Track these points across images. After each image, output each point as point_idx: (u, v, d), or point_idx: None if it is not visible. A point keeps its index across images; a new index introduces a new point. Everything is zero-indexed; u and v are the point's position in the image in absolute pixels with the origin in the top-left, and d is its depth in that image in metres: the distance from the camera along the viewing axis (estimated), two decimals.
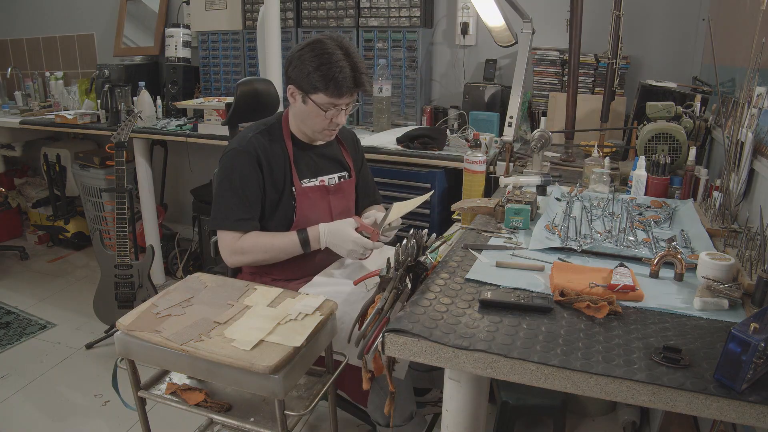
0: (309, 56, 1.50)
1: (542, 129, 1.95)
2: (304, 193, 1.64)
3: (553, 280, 1.14)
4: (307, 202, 1.65)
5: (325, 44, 1.51)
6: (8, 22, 4.20)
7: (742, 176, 1.51)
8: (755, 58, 1.46)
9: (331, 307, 1.40)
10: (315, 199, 1.67)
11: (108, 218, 3.32)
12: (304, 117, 1.60)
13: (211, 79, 3.35)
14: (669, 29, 2.55)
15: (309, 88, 1.52)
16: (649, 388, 0.83)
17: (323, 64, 1.48)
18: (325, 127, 1.60)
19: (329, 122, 1.58)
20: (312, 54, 1.50)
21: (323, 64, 1.48)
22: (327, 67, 1.48)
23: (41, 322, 2.86)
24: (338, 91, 1.51)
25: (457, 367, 0.94)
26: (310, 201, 1.65)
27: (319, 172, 1.70)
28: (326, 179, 1.71)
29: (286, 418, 1.25)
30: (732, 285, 1.08)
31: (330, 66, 1.48)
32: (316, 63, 1.49)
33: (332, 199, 1.71)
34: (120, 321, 1.33)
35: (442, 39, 2.95)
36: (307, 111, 1.57)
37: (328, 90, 1.50)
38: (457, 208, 1.62)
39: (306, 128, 1.64)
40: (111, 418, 2.14)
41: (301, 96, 1.55)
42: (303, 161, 1.67)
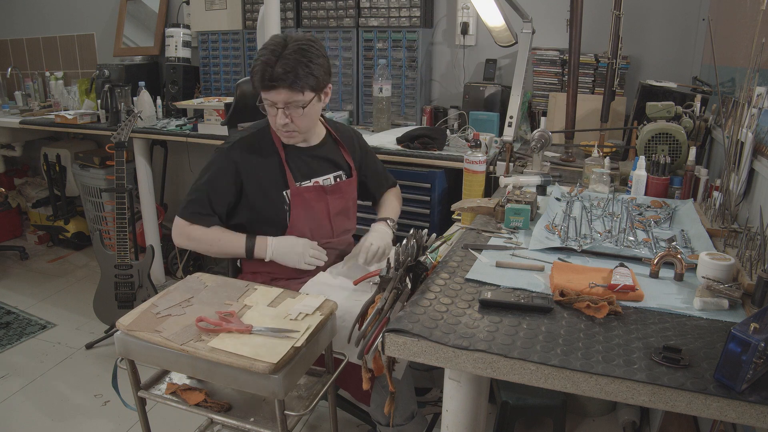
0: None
1: (542, 129, 1.96)
2: (299, 194, 1.64)
3: (553, 280, 1.14)
4: (302, 203, 1.64)
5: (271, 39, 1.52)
6: (8, 22, 4.20)
7: (742, 176, 1.51)
8: (755, 58, 1.46)
9: (331, 307, 1.40)
10: (311, 200, 1.66)
11: (108, 218, 3.32)
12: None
13: (211, 79, 3.35)
14: (669, 29, 2.55)
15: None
16: (649, 388, 0.83)
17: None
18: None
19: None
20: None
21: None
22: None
23: (41, 322, 2.86)
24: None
25: (457, 367, 0.94)
26: (305, 202, 1.65)
27: (313, 174, 1.69)
28: (320, 180, 1.70)
29: (286, 418, 1.25)
30: (732, 285, 1.08)
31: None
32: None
33: (330, 199, 1.70)
34: (120, 321, 1.33)
35: (442, 39, 2.95)
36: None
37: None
38: (457, 208, 1.62)
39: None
40: (111, 418, 2.14)
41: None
42: (295, 164, 1.66)
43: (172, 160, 3.68)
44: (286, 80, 1.48)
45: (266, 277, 1.69)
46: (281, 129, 1.58)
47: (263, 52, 1.49)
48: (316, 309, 1.37)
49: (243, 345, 1.22)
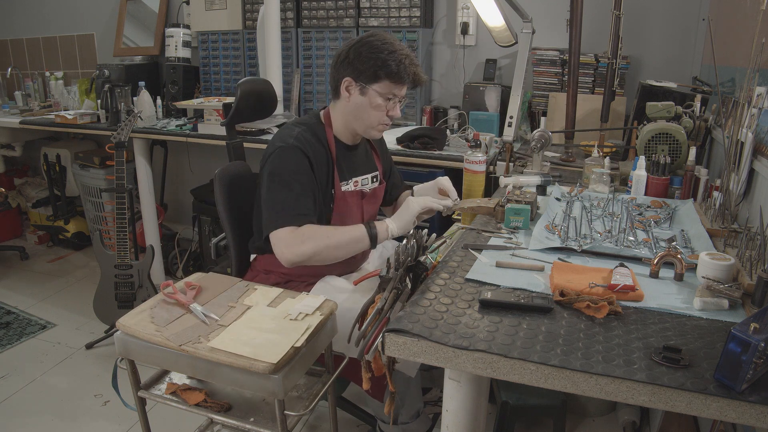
0: (367, 49, 1.50)
1: (542, 129, 1.96)
2: (343, 198, 1.61)
3: (553, 280, 1.14)
4: (344, 206, 1.62)
5: (381, 36, 1.53)
6: (8, 22, 4.20)
7: (742, 176, 1.51)
8: (755, 58, 1.46)
9: (331, 307, 1.40)
10: (351, 205, 1.64)
11: (108, 218, 3.32)
12: (359, 111, 1.56)
13: (211, 79, 3.35)
14: (669, 29, 2.55)
15: (370, 77, 1.51)
16: (649, 388, 0.83)
17: (384, 52, 1.49)
18: (381, 121, 1.57)
19: (385, 114, 1.56)
20: (370, 47, 1.50)
21: (384, 53, 1.49)
22: (388, 55, 1.49)
23: (41, 322, 2.86)
24: (401, 79, 1.51)
25: (457, 367, 0.94)
26: (347, 206, 1.63)
27: (355, 172, 1.68)
28: (360, 180, 1.68)
29: (286, 418, 1.25)
30: (732, 285, 1.08)
31: (391, 54, 1.49)
32: (376, 53, 1.49)
33: (365, 204, 1.69)
34: (120, 321, 1.33)
35: (442, 39, 2.95)
36: (364, 103, 1.54)
37: (391, 77, 1.50)
38: (457, 208, 1.62)
39: (359, 123, 1.59)
40: (111, 418, 2.14)
41: (359, 88, 1.53)
42: (345, 162, 1.64)
43: (172, 160, 3.68)
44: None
45: (281, 277, 1.66)
46: (386, 123, 1.59)
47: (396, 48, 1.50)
48: (316, 309, 1.37)
49: (243, 345, 1.22)
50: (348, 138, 1.64)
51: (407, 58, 1.51)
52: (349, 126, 1.61)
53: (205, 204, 3.04)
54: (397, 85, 1.52)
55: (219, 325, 1.32)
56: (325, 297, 1.44)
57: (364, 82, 1.51)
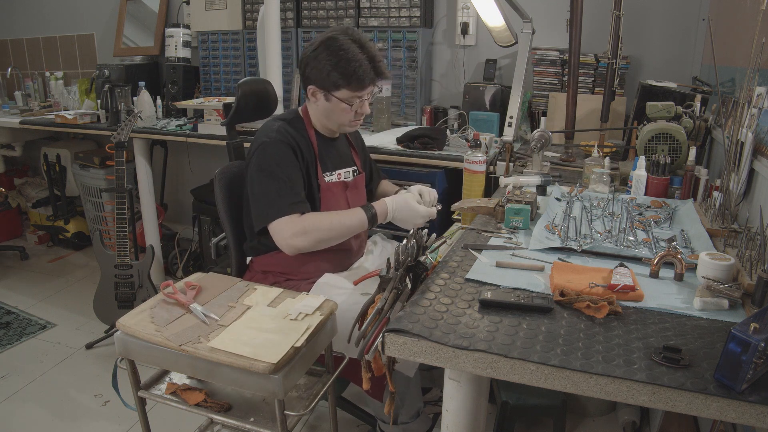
0: (325, 55, 1.52)
1: (542, 129, 1.96)
2: (329, 188, 1.66)
3: (553, 280, 1.14)
4: (330, 197, 1.66)
5: (339, 40, 1.52)
6: (8, 22, 4.20)
7: (742, 176, 1.51)
8: (755, 58, 1.46)
9: (331, 307, 1.40)
10: (337, 195, 1.68)
11: (108, 218, 3.32)
12: (328, 113, 1.62)
13: (211, 79, 3.35)
14: (669, 29, 2.55)
15: (330, 86, 1.54)
16: (649, 388, 0.83)
17: (341, 60, 1.50)
18: (351, 119, 1.62)
19: (354, 114, 1.61)
20: (328, 52, 1.52)
21: (341, 61, 1.50)
22: (345, 63, 1.50)
23: (41, 322, 2.86)
24: (360, 85, 1.54)
25: (457, 367, 0.94)
26: (333, 196, 1.66)
27: (338, 165, 1.72)
28: (342, 173, 1.72)
29: (286, 418, 1.25)
30: (732, 285, 1.08)
31: (348, 62, 1.50)
32: (334, 61, 1.51)
33: (349, 194, 1.72)
34: (120, 321, 1.33)
35: (442, 39, 2.95)
36: (331, 107, 1.59)
37: (351, 85, 1.53)
38: (457, 208, 1.62)
39: (331, 123, 1.65)
40: (111, 418, 2.14)
41: (323, 94, 1.57)
42: (326, 154, 1.69)
43: (172, 160, 3.68)
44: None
45: (279, 277, 1.67)
46: (357, 120, 1.63)
47: (354, 52, 1.51)
48: (316, 309, 1.37)
49: (243, 345, 1.22)
50: (326, 131, 1.69)
51: (366, 61, 1.52)
52: (323, 123, 1.66)
53: (205, 204, 3.04)
54: (358, 90, 1.55)
55: (219, 325, 1.32)
56: (325, 297, 1.44)
57: (327, 90, 1.55)
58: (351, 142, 1.84)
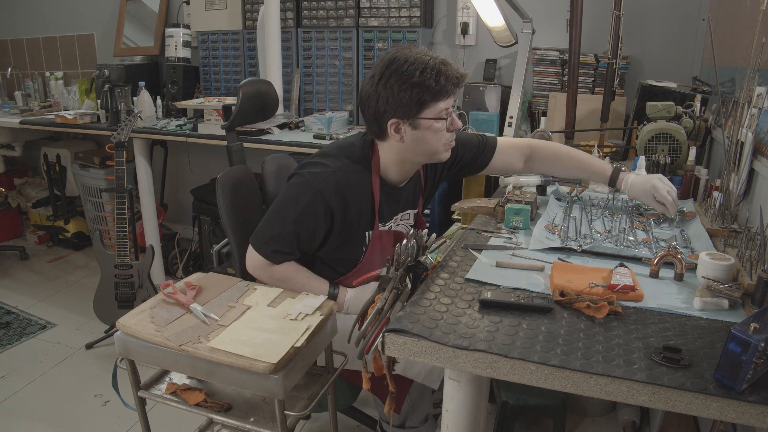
0: (397, 79, 1.31)
1: (542, 129, 1.96)
2: (380, 238, 1.50)
3: (553, 280, 1.14)
4: (378, 246, 1.52)
5: (400, 57, 1.32)
6: (8, 22, 4.20)
7: (742, 176, 1.51)
8: (755, 58, 1.46)
9: (331, 307, 1.40)
10: (385, 244, 1.53)
11: (108, 218, 3.32)
12: (418, 145, 1.38)
13: (211, 79, 3.35)
14: (669, 29, 2.55)
15: (417, 109, 1.33)
16: (649, 388, 0.83)
17: (413, 75, 1.30)
18: (446, 141, 1.40)
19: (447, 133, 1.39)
20: (400, 75, 1.31)
21: (413, 76, 1.30)
22: (424, 75, 1.30)
23: (41, 322, 2.86)
24: (447, 93, 1.34)
25: (457, 367, 0.94)
26: (381, 246, 1.53)
27: (396, 211, 1.55)
28: (399, 216, 1.56)
29: (286, 418, 1.25)
30: (732, 285, 1.08)
31: (423, 72, 1.30)
32: (406, 79, 1.30)
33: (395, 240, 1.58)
34: (120, 321, 1.33)
35: (442, 39, 2.95)
36: (422, 134, 1.36)
37: (438, 96, 1.33)
38: (457, 208, 1.62)
39: (423, 156, 1.43)
40: (111, 418, 2.14)
41: (408, 123, 1.35)
42: (386, 204, 1.49)
43: (172, 160, 3.68)
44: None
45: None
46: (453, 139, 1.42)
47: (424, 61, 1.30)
48: (316, 309, 1.37)
49: (243, 345, 1.22)
50: (397, 177, 1.48)
51: (440, 65, 1.32)
52: (408, 161, 1.44)
53: (205, 204, 3.04)
54: (445, 100, 1.35)
55: (219, 325, 1.32)
56: (325, 297, 1.44)
57: (412, 116, 1.34)
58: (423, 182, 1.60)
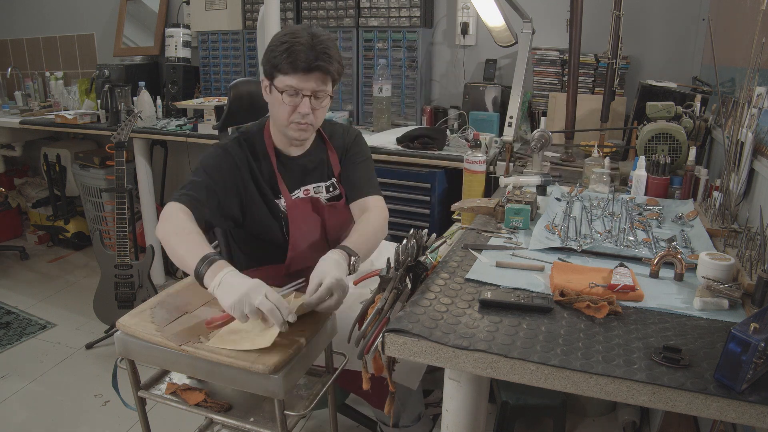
0: (271, 43, 1.43)
1: (542, 129, 1.95)
2: (295, 206, 1.53)
3: (553, 280, 1.14)
4: (297, 215, 1.53)
5: (293, 27, 1.43)
6: (8, 22, 4.20)
7: (742, 176, 1.51)
8: (755, 58, 1.46)
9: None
10: (305, 213, 1.55)
11: (108, 218, 3.32)
12: (272, 111, 1.49)
13: (211, 79, 3.35)
14: (669, 29, 2.55)
15: (272, 71, 1.43)
16: (649, 388, 0.83)
17: (284, 42, 1.38)
18: (289, 119, 1.43)
19: (293, 110, 1.42)
20: (273, 40, 1.42)
21: (284, 43, 1.38)
22: (286, 45, 1.37)
23: (41, 322, 2.86)
24: (293, 69, 1.37)
25: (457, 367, 0.94)
26: (300, 215, 1.54)
27: (304, 180, 1.59)
28: (312, 188, 1.59)
29: (286, 418, 1.25)
30: (732, 285, 1.08)
31: (285, 44, 1.38)
32: (278, 43, 1.40)
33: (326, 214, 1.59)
34: (120, 321, 1.32)
35: (442, 39, 2.95)
36: (273, 101, 1.46)
37: (284, 69, 1.39)
38: (457, 208, 1.62)
39: (277, 124, 1.50)
40: (111, 418, 2.14)
41: (268, 85, 1.46)
42: (286, 172, 1.55)
43: (172, 160, 3.68)
44: (323, 63, 1.38)
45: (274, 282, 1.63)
46: (300, 120, 1.44)
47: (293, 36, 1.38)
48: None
49: (242, 342, 1.22)
50: (287, 146, 1.55)
51: (301, 45, 1.36)
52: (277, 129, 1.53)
53: None
54: (291, 75, 1.38)
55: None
56: None
57: (269, 80, 1.44)
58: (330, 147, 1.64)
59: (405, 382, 1.47)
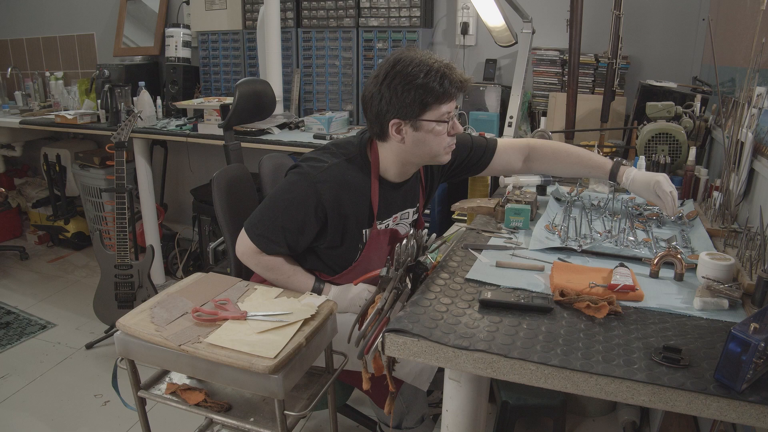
0: (401, 80, 1.32)
1: (542, 129, 1.96)
2: (377, 237, 1.49)
3: (553, 280, 1.14)
4: (375, 245, 1.51)
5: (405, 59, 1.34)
6: (8, 22, 4.20)
7: (742, 176, 1.51)
8: (755, 58, 1.46)
9: (331, 307, 1.40)
10: (382, 243, 1.52)
11: (108, 218, 3.32)
12: (419, 147, 1.39)
13: (211, 79, 3.35)
14: (669, 29, 2.55)
15: (419, 110, 1.34)
16: (649, 388, 0.83)
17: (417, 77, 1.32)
18: (446, 144, 1.41)
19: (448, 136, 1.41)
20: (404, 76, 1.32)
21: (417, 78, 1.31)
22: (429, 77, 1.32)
23: (41, 322, 2.86)
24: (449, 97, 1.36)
25: (457, 367, 0.94)
26: (378, 245, 1.52)
27: (394, 209, 1.53)
28: (399, 215, 1.55)
29: (286, 418, 1.25)
30: (732, 285, 1.08)
31: (427, 75, 1.32)
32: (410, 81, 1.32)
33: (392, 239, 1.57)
34: (120, 321, 1.33)
35: (442, 39, 2.95)
36: (423, 136, 1.37)
37: (440, 99, 1.34)
38: (457, 208, 1.62)
39: (424, 157, 1.43)
40: (111, 418, 2.14)
41: (410, 124, 1.36)
42: (384, 202, 1.48)
43: (172, 160, 3.68)
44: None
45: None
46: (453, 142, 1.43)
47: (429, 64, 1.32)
48: (316, 309, 1.37)
49: (242, 344, 1.22)
50: (397, 176, 1.48)
51: (445, 69, 1.34)
52: (409, 162, 1.45)
53: (205, 204, 3.04)
54: (448, 103, 1.37)
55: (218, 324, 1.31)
56: (325, 297, 1.44)
57: (414, 117, 1.35)
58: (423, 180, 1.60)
59: (415, 383, 1.47)
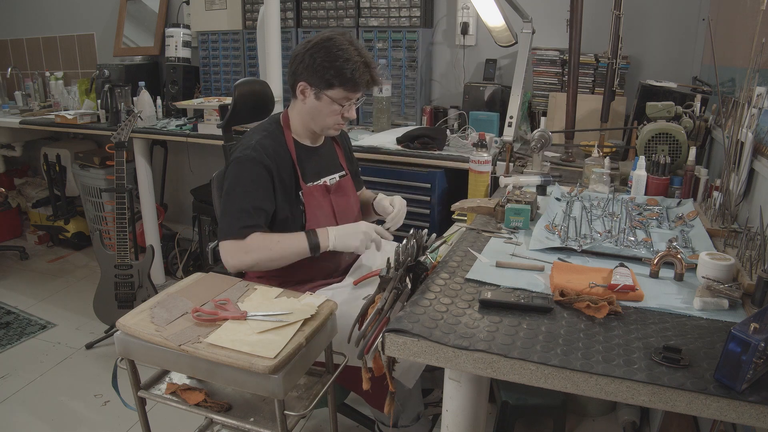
0: (322, 53, 1.52)
1: (542, 129, 1.95)
2: (311, 194, 1.62)
3: (553, 280, 1.14)
4: (314, 204, 1.63)
5: (337, 41, 1.53)
6: (8, 22, 4.20)
7: (742, 176, 1.51)
8: (755, 58, 1.46)
9: (331, 307, 1.40)
10: (320, 200, 1.65)
11: (108, 218, 3.32)
12: (314, 113, 1.60)
13: (211, 79, 3.35)
14: (669, 29, 2.55)
15: (324, 84, 1.54)
16: (649, 388, 0.83)
17: (339, 59, 1.51)
18: (336, 122, 1.61)
19: (341, 117, 1.60)
20: (325, 51, 1.52)
21: (339, 60, 1.51)
22: (343, 63, 1.51)
23: (41, 322, 2.86)
24: (355, 87, 1.54)
25: (457, 367, 0.94)
26: (316, 202, 1.63)
27: (321, 173, 1.69)
28: (327, 180, 1.70)
29: (286, 418, 1.25)
30: (732, 285, 1.08)
31: (346, 62, 1.51)
32: (330, 59, 1.51)
33: (333, 198, 1.69)
34: (120, 321, 1.33)
35: (442, 39, 2.95)
36: (319, 107, 1.58)
37: (346, 86, 1.53)
38: (457, 208, 1.62)
39: (315, 124, 1.63)
40: (111, 418, 2.14)
41: (314, 92, 1.56)
42: (307, 164, 1.65)
43: (172, 160, 3.68)
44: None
45: (274, 281, 1.64)
46: (341, 123, 1.62)
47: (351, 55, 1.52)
48: (316, 309, 1.37)
49: (241, 342, 1.22)
50: (308, 138, 1.67)
51: (362, 65, 1.53)
52: (307, 126, 1.64)
53: (205, 204, 3.04)
54: (352, 92, 1.56)
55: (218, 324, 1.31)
56: (325, 297, 1.44)
57: (319, 88, 1.55)
58: (338, 145, 1.81)
59: (402, 380, 1.47)
